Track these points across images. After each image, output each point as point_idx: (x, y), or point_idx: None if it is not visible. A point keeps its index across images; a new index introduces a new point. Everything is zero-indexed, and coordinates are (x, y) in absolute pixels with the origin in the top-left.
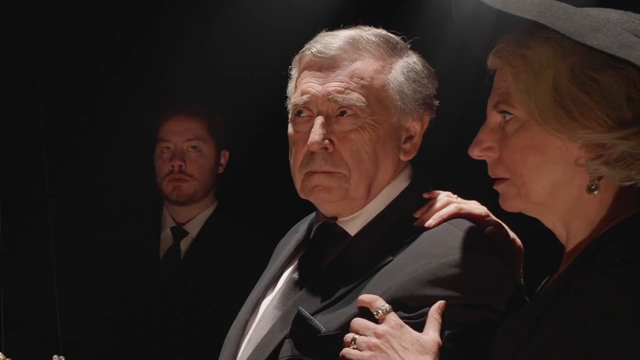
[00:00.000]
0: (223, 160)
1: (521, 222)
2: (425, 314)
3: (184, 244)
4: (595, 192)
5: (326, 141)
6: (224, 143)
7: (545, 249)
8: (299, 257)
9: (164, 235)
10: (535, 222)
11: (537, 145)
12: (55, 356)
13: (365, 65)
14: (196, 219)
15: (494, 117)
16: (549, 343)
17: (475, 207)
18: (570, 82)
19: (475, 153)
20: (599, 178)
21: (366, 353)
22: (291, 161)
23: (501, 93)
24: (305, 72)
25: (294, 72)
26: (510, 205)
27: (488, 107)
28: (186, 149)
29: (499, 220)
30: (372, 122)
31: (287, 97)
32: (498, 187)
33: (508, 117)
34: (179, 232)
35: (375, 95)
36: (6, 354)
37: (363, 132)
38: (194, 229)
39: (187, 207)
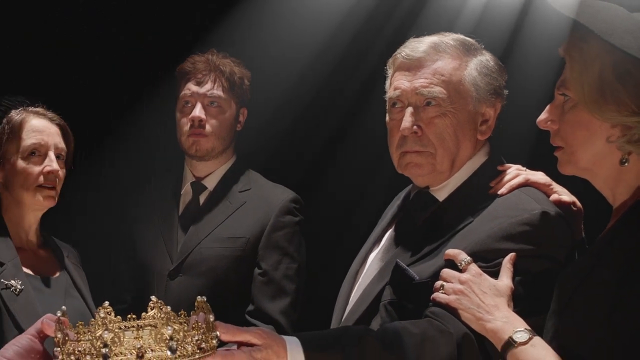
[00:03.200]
0: (242, 118)
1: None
2: (500, 264)
3: (202, 198)
4: (626, 164)
5: (415, 127)
6: (244, 101)
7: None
8: (399, 219)
9: (185, 190)
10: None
11: (584, 122)
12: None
13: (445, 64)
14: (214, 173)
15: (557, 97)
16: (597, 289)
17: (540, 177)
18: (612, 73)
19: (541, 124)
20: (629, 153)
21: (452, 297)
22: (389, 144)
23: (562, 78)
24: (397, 72)
25: (389, 72)
26: (564, 169)
27: (555, 88)
28: (206, 104)
29: (561, 187)
30: (452, 110)
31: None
32: (556, 154)
33: (566, 97)
34: (198, 186)
35: (454, 88)
36: None
37: (445, 118)
38: (211, 183)
39: (206, 162)
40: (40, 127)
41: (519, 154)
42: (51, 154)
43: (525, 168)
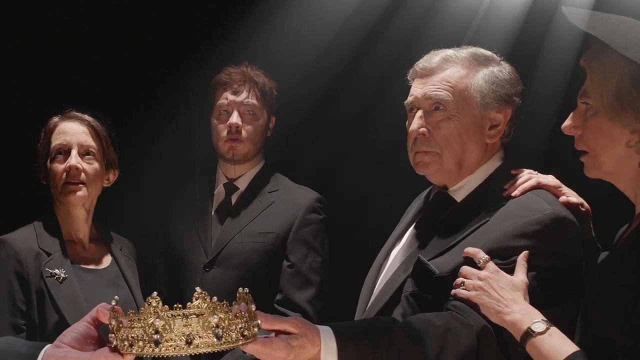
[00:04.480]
0: (271, 125)
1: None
2: (515, 261)
3: (234, 198)
4: None
5: (422, 129)
6: (272, 109)
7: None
8: (419, 218)
9: (218, 190)
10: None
11: (604, 129)
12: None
13: (453, 73)
14: (245, 175)
15: (580, 105)
16: (619, 292)
17: (551, 180)
18: (629, 82)
19: (566, 130)
20: None
21: (473, 292)
22: (407, 145)
23: (584, 88)
24: (414, 81)
25: (410, 82)
26: (590, 172)
27: (578, 96)
28: (242, 112)
29: (569, 189)
30: (457, 114)
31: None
32: (582, 159)
33: (587, 105)
34: (231, 187)
35: (460, 93)
36: None
37: (450, 122)
38: (243, 184)
39: (239, 165)
40: (66, 129)
41: (531, 159)
42: (73, 151)
43: (536, 172)
